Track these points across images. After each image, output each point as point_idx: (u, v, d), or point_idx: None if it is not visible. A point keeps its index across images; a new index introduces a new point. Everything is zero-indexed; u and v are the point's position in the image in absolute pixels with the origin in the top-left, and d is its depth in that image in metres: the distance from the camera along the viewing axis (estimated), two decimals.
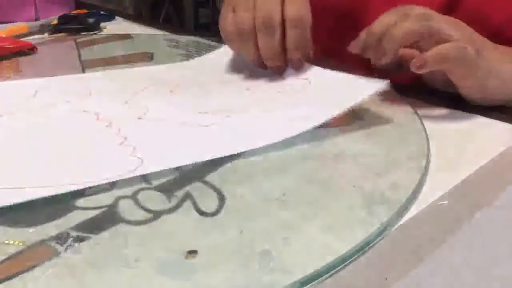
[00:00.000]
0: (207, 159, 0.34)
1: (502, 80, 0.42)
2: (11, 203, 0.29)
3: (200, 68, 0.55)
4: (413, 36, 0.40)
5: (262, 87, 0.48)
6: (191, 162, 0.34)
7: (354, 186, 0.31)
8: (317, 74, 0.48)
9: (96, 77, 0.52)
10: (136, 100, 0.45)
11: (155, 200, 0.30)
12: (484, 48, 0.42)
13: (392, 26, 0.41)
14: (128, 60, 0.59)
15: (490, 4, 0.50)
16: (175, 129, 0.39)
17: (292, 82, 0.48)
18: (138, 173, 0.32)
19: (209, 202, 0.30)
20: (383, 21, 0.42)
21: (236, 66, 0.55)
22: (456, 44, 0.39)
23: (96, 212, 0.29)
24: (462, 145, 0.38)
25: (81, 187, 0.31)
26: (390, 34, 0.41)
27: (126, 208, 0.29)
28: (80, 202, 0.30)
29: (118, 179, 0.31)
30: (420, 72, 0.40)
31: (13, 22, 0.76)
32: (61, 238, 0.27)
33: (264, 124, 0.40)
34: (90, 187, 0.31)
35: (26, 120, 0.41)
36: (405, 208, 0.30)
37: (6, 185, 0.31)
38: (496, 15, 0.50)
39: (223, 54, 0.57)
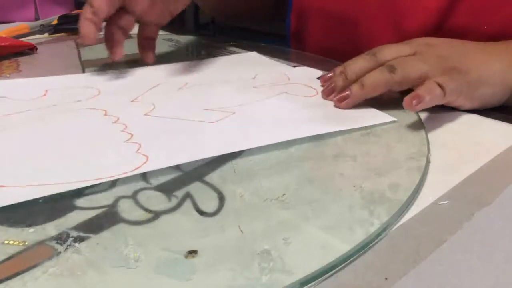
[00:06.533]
0: (213, 155, 0.35)
1: (494, 84, 0.42)
2: (19, 201, 0.29)
3: (210, 67, 0.55)
4: (382, 88, 0.42)
5: (269, 86, 0.48)
6: (197, 159, 0.34)
7: (354, 186, 0.31)
8: None
9: (105, 76, 0.53)
10: (144, 97, 0.45)
11: (155, 200, 0.30)
12: (466, 57, 0.42)
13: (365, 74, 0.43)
14: (129, 60, 0.59)
15: (486, 10, 0.50)
16: (182, 125, 0.40)
17: (299, 88, 0.48)
18: (144, 169, 0.32)
19: (209, 202, 0.30)
20: (356, 66, 0.44)
21: (244, 66, 0.55)
22: (427, 87, 0.39)
23: (96, 212, 0.29)
24: (462, 145, 0.38)
25: (90, 183, 0.31)
26: (360, 84, 0.42)
27: (126, 208, 0.29)
28: (80, 202, 0.30)
29: (125, 176, 0.32)
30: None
31: (13, 22, 0.76)
32: (61, 238, 0.27)
33: (269, 123, 0.40)
34: (90, 187, 0.31)
35: (35, 118, 0.41)
36: (405, 208, 0.30)
37: (14, 183, 0.31)
38: (492, 20, 0.49)
39: (235, 56, 0.58)
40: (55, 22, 0.72)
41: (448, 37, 0.46)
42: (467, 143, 0.38)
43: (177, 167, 0.34)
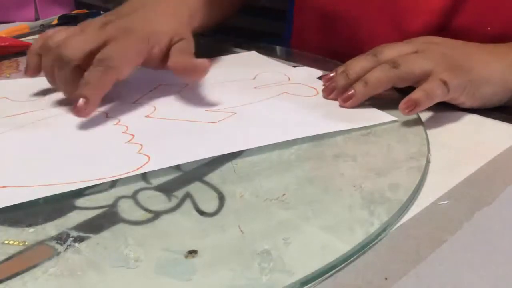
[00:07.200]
0: (215, 155, 0.35)
1: (495, 84, 0.42)
2: (21, 202, 0.29)
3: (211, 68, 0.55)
4: (385, 85, 0.41)
5: (269, 87, 0.48)
6: (198, 159, 0.34)
7: (354, 186, 0.31)
8: None
9: None
10: (145, 99, 0.45)
11: (155, 200, 0.30)
12: (469, 56, 0.41)
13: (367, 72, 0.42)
14: None
15: (490, 11, 0.50)
16: (183, 126, 0.40)
17: (299, 88, 0.48)
18: (146, 169, 0.32)
19: (209, 202, 0.30)
20: (357, 66, 0.43)
21: (244, 66, 0.55)
22: (428, 87, 0.39)
23: (96, 212, 0.29)
24: (462, 145, 0.38)
25: (91, 183, 0.31)
26: (363, 81, 0.42)
27: (126, 208, 0.29)
28: (80, 202, 0.30)
29: (126, 176, 0.32)
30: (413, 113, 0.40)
31: (13, 22, 0.76)
32: (61, 238, 0.27)
33: (270, 123, 0.40)
34: (90, 187, 0.31)
35: (36, 120, 0.41)
36: (405, 208, 0.30)
37: (16, 184, 0.31)
38: (496, 21, 0.49)
39: (235, 56, 0.58)
40: (55, 22, 0.72)
41: (451, 38, 0.45)
42: (467, 143, 0.38)
43: (177, 167, 0.34)
